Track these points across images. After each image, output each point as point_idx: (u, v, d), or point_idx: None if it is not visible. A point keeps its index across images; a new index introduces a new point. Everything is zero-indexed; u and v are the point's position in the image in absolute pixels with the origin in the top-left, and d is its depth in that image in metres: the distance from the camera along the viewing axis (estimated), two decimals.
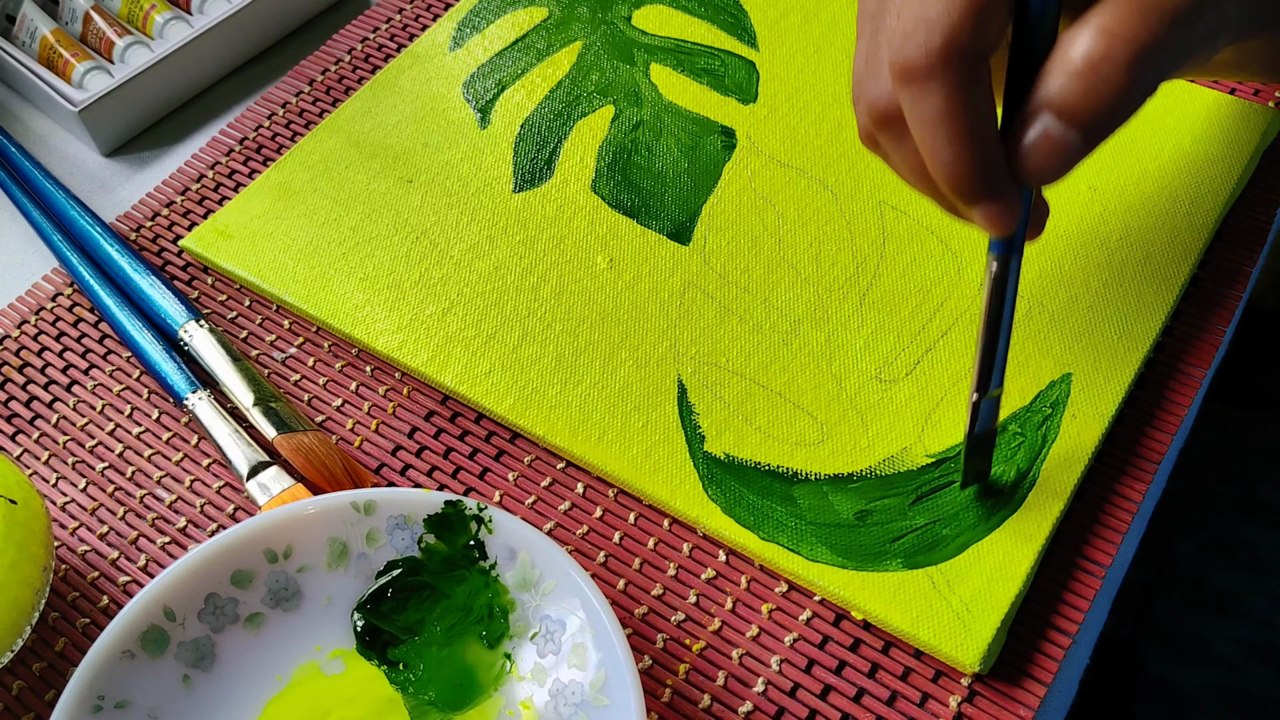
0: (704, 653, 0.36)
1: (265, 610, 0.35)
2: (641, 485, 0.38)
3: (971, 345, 0.40)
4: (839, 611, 0.36)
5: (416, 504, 0.35)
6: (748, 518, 0.37)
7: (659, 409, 0.40)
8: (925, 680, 0.35)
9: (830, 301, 0.42)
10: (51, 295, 0.47)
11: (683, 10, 0.52)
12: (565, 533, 0.39)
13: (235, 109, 0.54)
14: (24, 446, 0.43)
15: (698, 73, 0.50)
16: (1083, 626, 0.36)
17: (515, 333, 0.42)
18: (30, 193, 0.49)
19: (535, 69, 0.51)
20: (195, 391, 0.42)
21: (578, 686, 0.33)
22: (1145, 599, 0.54)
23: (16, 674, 0.37)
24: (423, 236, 0.45)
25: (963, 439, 0.35)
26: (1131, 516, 0.37)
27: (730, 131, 0.48)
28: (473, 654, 0.35)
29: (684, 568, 0.37)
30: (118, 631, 0.33)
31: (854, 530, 0.37)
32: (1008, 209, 0.29)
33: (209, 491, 0.41)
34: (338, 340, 0.44)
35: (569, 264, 0.44)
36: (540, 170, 0.47)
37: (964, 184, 0.29)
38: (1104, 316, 0.41)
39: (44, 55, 0.54)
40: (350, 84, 0.53)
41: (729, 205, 0.45)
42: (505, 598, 0.35)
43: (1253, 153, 0.44)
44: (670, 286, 0.43)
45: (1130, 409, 0.40)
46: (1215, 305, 0.42)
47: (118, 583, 0.39)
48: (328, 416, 0.42)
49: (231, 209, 0.47)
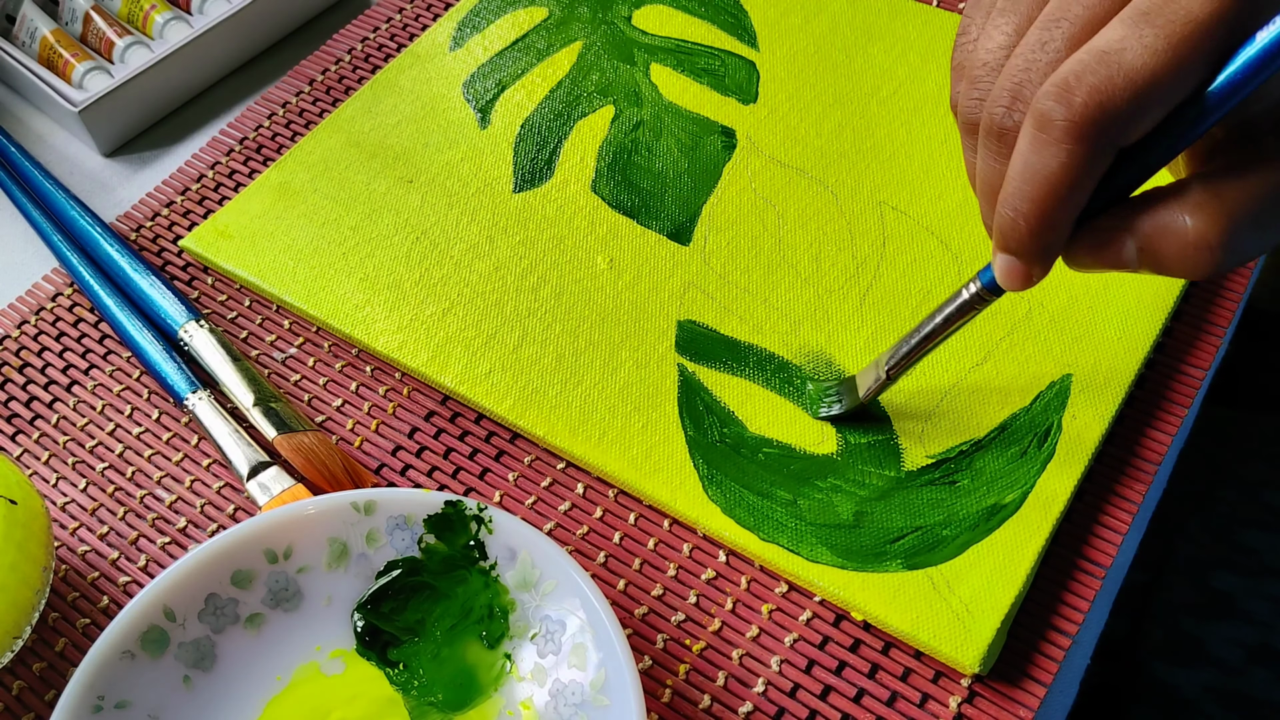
0: (704, 653, 0.36)
1: (265, 610, 0.35)
2: (641, 486, 0.38)
3: (972, 345, 0.40)
4: (839, 612, 0.36)
5: (416, 504, 0.35)
6: (748, 518, 0.37)
7: (659, 409, 0.40)
8: (925, 681, 0.35)
9: (830, 301, 0.42)
10: (51, 295, 0.47)
11: (683, 10, 0.52)
12: (565, 533, 0.39)
13: (235, 109, 0.54)
14: (24, 446, 0.43)
15: (698, 73, 0.50)
16: (1082, 627, 0.36)
17: (515, 333, 0.42)
18: (30, 193, 0.49)
19: (535, 69, 0.51)
20: (195, 391, 0.42)
21: (578, 686, 0.33)
22: (1145, 600, 0.54)
23: (16, 674, 0.37)
24: (423, 237, 0.45)
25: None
26: (1131, 517, 0.37)
27: (730, 131, 0.48)
28: (473, 654, 0.35)
29: (684, 568, 0.37)
30: (118, 631, 0.33)
31: (854, 531, 0.36)
32: (1032, 277, 0.29)
33: (209, 492, 0.41)
34: (338, 340, 0.44)
35: (569, 264, 0.44)
36: (540, 170, 0.47)
37: (1016, 238, 0.29)
38: (1104, 316, 0.41)
39: (44, 55, 0.54)
40: (350, 84, 0.53)
41: (729, 205, 0.45)
42: (505, 598, 0.35)
43: None
44: (670, 286, 0.43)
45: (1130, 409, 0.40)
46: (1215, 305, 0.42)
47: (118, 583, 0.39)
48: (328, 416, 0.42)
49: (231, 209, 0.47)
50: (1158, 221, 0.27)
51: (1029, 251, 0.29)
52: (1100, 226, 0.28)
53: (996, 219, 0.29)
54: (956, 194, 0.44)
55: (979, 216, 0.44)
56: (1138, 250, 0.28)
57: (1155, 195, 0.27)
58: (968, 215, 0.44)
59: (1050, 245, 0.29)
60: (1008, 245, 0.29)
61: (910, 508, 0.37)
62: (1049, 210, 0.27)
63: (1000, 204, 0.28)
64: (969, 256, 0.43)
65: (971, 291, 0.33)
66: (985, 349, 0.40)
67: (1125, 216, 0.28)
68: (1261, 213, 0.27)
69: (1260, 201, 0.27)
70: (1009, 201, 0.28)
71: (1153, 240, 0.27)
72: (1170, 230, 0.27)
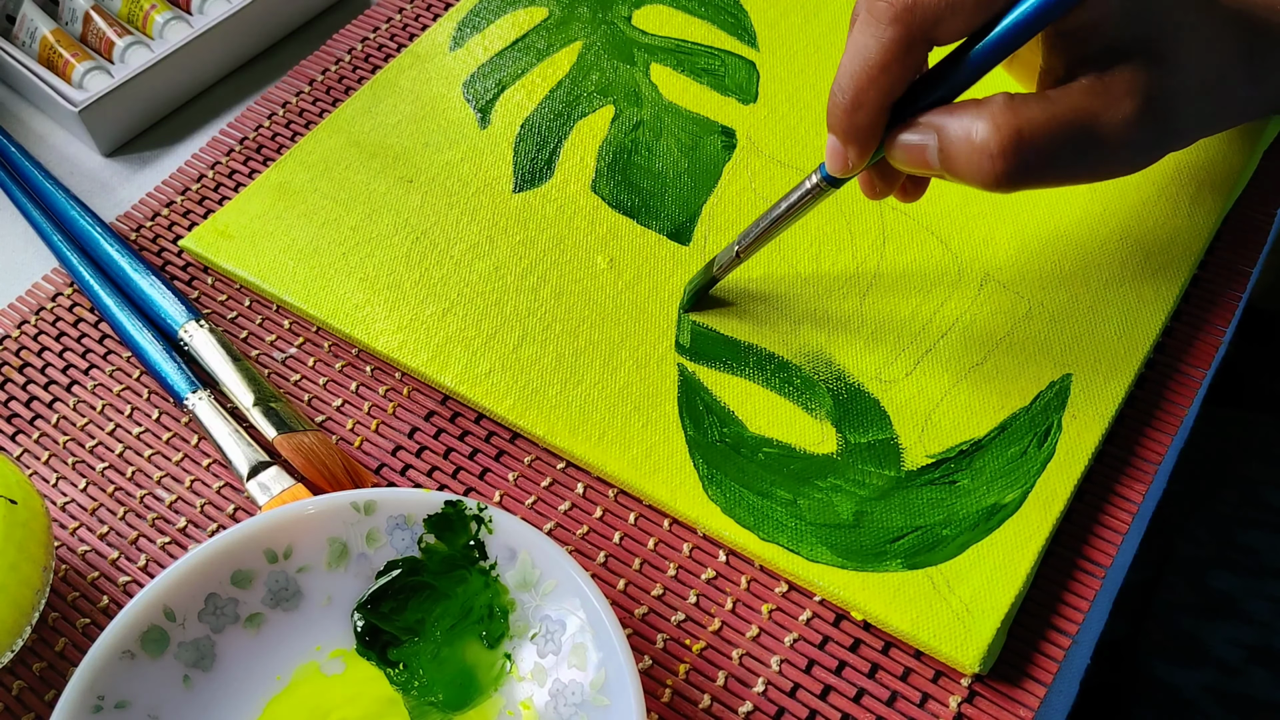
0: (704, 653, 0.36)
1: (265, 610, 0.35)
2: (641, 485, 0.38)
3: (972, 346, 0.40)
4: (839, 612, 0.36)
5: (416, 504, 0.35)
6: (748, 518, 0.37)
7: (659, 409, 0.40)
8: (925, 680, 0.35)
9: (830, 301, 0.42)
10: (51, 295, 0.47)
11: (683, 10, 0.52)
12: (565, 533, 0.39)
13: (235, 109, 0.54)
14: (24, 446, 0.43)
15: (698, 73, 0.50)
16: (1082, 627, 0.36)
17: (515, 333, 0.42)
18: (30, 193, 0.49)
19: (535, 69, 0.51)
20: (195, 391, 0.42)
21: (578, 686, 0.33)
22: (1145, 600, 0.54)
23: (16, 674, 0.37)
24: (423, 236, 0.45)
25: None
26: (1131, 517, 0.37)
27: (730, 131, 0.48)
28: (473, 654, 0.35)
29: (684, 568, 0.37)
30: (118, 631, 0.33)
31: (854, 530, 0.36)
32: (849, 160, 0.33)
33: (209, 491, 0.41)
34: (338, 340, 0.44)
35: (569, 264, 0.44)
36: (540, 170, 0.47)
37: (836, 115, 0.32)
38: (1104, 316, 0.41)
39: (44, 55, 0.54)
40: (350, 84, 0.53)
41: (729, 205, 0.45)
42: (505, 598, 0.35)
43: (1252, 153, 0.44)
44: (670, 286, 0.43)
45: (1130, 409, 0.40)
46: (1215, 305, 0.42)
47: (118, 583, 0.39)
48: (328, 416, 0.42)
49: (231, 209, 0.47)
50: (958, 122, 0.30)
51: (845, 129, 0.32)
52: (912, 121, 0.31)
53: (830, 99, 0.33)
54: (956, 194, 0.45)
55: (979, 216, 0.44)
56: (938, 150, 0.31)
57: (967, 103, 0.31)
58: (968, 215, 0.44)
59: (862, 125, 0.32)
60: (831, 123, 0.33)
61: (910, 507, 0.37)
62: (862, 86, 0.31)
63: (832, 87, 0.32)
64: (969, 256, 0.43)
65: (813, 181, 0.36)
66: (985, 349, 0.40)
67: (935, 115, 0.31)
68: (1054, 137, 0.29)
69: (1054, 124, 0.29)
70: (837, 81, 0.32)
71: (949, 139, 0.30)
72: (964, 132, 0.30)
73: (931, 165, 0.31)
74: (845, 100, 0.32)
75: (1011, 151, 0.29)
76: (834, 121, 0.33)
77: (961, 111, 0.30)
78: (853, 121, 0.32)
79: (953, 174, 0.31)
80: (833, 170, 0.34)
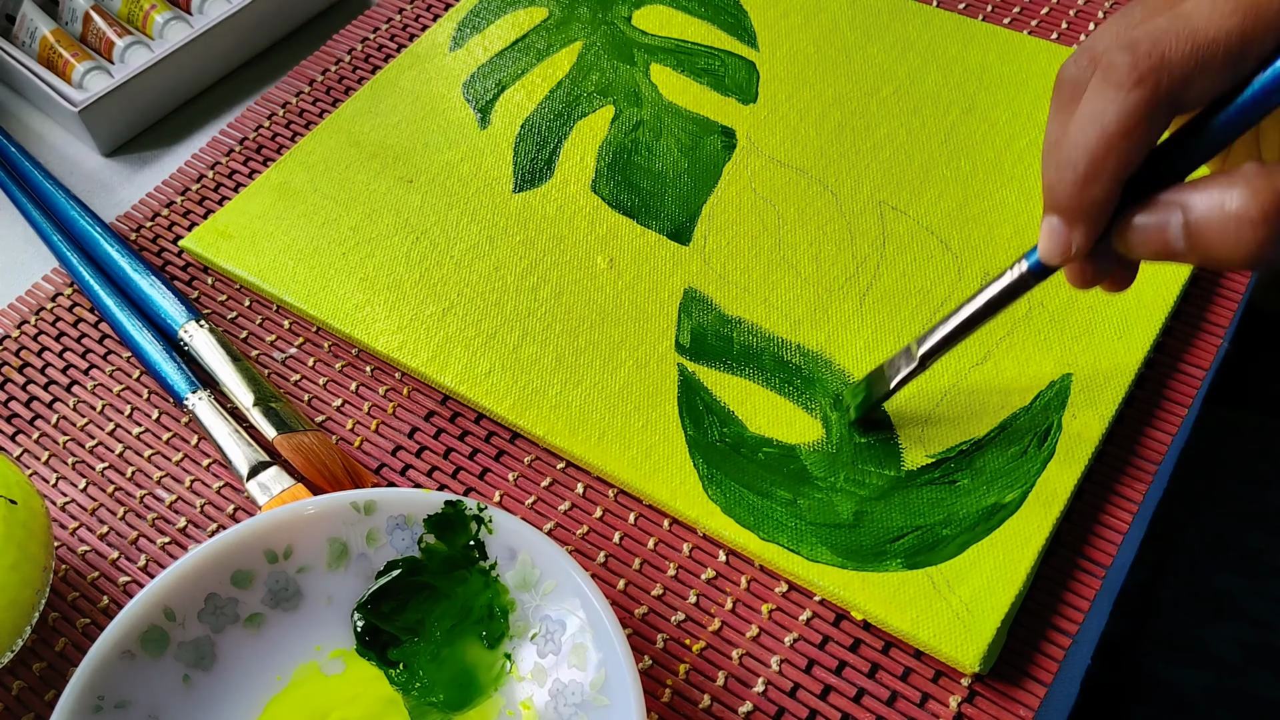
0: (704, 653, 0.36)
1: (265, 610, 0.35)
2: (641, 485, 0.38)
3: (972, 345, 0.40)
4: (839, 611, 0.36)
5: (416, 504, 0.35)
6: (748, 518, 0.37)
7: (659, 409, 0.40)
8: (925, 680, 0.35)
9: (830, 301, 0.42)
10: (51, 295, 0.47)
11: (683, 10, 0.52)
12: (565, 533, 0.39)
13: (235, 109, 0.54)
14: (24, 446, 0.43)
15: (698, 73, 0.50)
16: (1083, 627, 0.36)
17: (515, 333, 0.42)
18: (30, 193, 0.49)
19: (535, 69, 0.51)
20: (195, 391, 0.42)
21: (578, 686, 0.33)
22: (1145, 600, 0.54)
23: (16, 674, 0.37)
24: (423, 237, 0.45)
25: (886, 395, 0.37)
26: (1131, 517, 0.37)
27: (730, 131, 0.48)
28: (473, 654, 0.35)
29: (684, 568, 0.37)
30: (118, 631, 0.33)
31: (854, 530, 0.36)
32: (1073, 244, 0.29)
33: (209, 491, 0.41)
34: (338, 340, 0.44)
35: (569, 264, 0.44)
36: (540, 170, 0.47)
37: (1064, 191, 0.28)
38: (1104, 316, 0.41)
39: (44, 55, 0.54)
40: (350, 84, 0.53)
41: (729, 205, 0.45)
42: (505, 598, 0.35)
43: None
44: (670, 286, 0.43)
45: (1130, 409, 0.40)
46: (1215, 305, 0.42)
47: (118, 583, 0.39)
48: (328, 416, 0.42)
49: (231, 209, 0.47)
50: (1205, 195, 0.27)
51: (1074, 206, 0.28)
52: (1149, 201, 0.28)
53: (1050, 174, 0.28)
54: (956, 194, 0.45)
55: (979, 216, 0.44)
56: (1183, 227, 0.27)
57: (1210, 177, 0.27)
58: (968, 215, 0.44)
59: (1095, 203, 0.28)
60: (1056, 201, 0.29)
61: (910, 507, 0.37)
62: (1099, 158, 0.27)
63: (1058, 159, 0.28)
64: (969, 256, 0.43)
65: (1019, 273, 0.31)
66: (985, 349, 0.40)
67: (1175, 192, 0.27)
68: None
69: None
70: (1065, 153, 0.28)
71: (1198, 214, 0.27)
72: (1218, 205, 0.26)
73: (1173, 246, 0.28)
74: (1077, 174, 0.28)
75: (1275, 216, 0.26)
76: (1060, 199, 0.28)
77: (1207, 185, 0.27)
78: (1085, 197, 0.28)
79: (1203, 251, 0.27)
80: (1049, 257, 0.30)
